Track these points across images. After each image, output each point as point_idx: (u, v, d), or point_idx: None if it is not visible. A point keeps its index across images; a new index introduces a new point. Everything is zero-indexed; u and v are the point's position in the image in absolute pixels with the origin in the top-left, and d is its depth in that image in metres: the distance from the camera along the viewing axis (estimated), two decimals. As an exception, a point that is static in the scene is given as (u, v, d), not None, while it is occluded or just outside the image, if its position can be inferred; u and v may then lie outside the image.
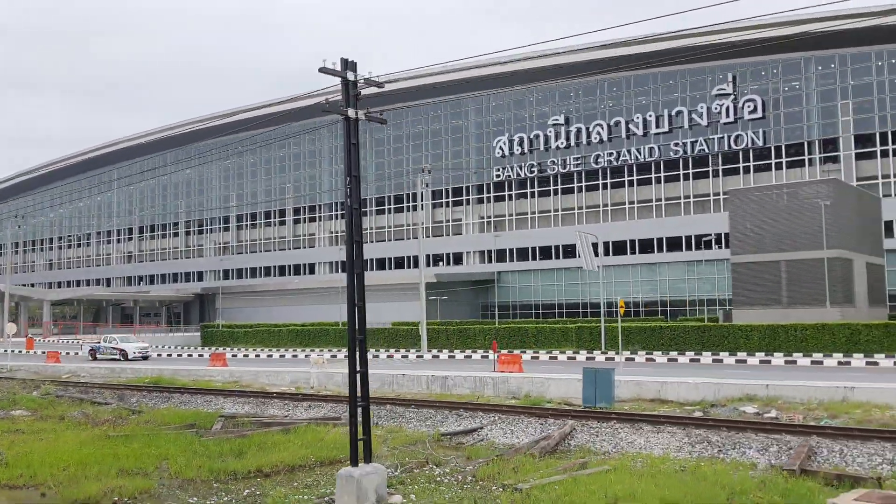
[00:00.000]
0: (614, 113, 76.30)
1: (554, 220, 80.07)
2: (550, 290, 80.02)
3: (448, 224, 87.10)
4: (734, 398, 19.17)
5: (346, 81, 12.35)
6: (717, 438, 15.25)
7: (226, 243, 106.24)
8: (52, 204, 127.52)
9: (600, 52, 65.49)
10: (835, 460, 14.02)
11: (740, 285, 45.62)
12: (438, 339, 52.10)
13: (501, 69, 74.60)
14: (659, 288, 73.22)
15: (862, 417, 16.44)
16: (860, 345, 35.27)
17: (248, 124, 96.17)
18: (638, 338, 41.02)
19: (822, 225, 42.61)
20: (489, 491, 11.99)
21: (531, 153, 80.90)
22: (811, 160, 66.92)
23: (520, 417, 18.22)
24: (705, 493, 10.95)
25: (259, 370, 30.50)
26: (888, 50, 63.49)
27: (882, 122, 64.05)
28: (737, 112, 69.45)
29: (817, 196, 43.34)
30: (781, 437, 14.73)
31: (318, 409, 20.95)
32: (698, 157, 71.68)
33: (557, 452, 14.89)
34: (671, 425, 16.48)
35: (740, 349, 38.10)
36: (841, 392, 18.58)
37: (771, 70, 69.02)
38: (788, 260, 43.71)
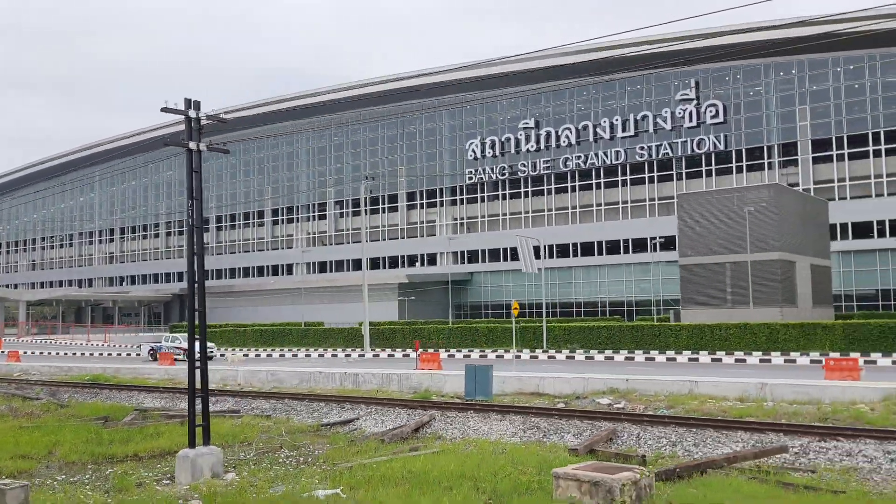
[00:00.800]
0: (582, 117, 77.92)
1: (525, 222, 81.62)
2: (520, 290, 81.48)
3: (422, 225, 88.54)
4: (598, 391, 20.76)
5: (189, 118, 13.69)
6: (546, 425, 16.87)
7: (205, 244, 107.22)
8: (35, 205, 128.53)
9: (569, 58, 67.07)
10: (631, 442, 15.76)
11: (688, 286, 47.23)
12: (395, 339, 53.54)
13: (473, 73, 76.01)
14: (625, 288, 74.85)
15: (693, 407, 18.02)
16: (778, 343, 36.96)
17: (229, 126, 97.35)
18: (578, 337, 42.63)
19: (764, 228, 44.26)
20: (317, 469, 13.48)
21: (503, 156, 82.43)
22: (770, 164, 68.67)
23: (395, 409, 19.74)
24: (494, 467, 12.54)
25: (232, 370, 31.84)
26: (844, 57, 65.22)
27: (838, 128, 65.81)
28: (699, 117, 71.13)
29: (760, 200, 44.98)
30: (600, 424, 16.49)
31: (224, 403, 22.47)
32: (663, 160, 73.37)
33: (411, 439, 16.41)
34: (518, 414, 18.17)
35: (669, 347, 39.75)
36: (687, 385, 20.20)
37: (732, 76, 70.72)
38: (733, 262, 45.33)
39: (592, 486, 9.66)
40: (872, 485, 12.23)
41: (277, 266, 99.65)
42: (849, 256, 64.14)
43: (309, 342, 59.61)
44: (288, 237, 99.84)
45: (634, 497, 9.64)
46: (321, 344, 57.92)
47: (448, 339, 48.96)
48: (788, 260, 45.22)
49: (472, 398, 20.69)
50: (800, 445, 14.50)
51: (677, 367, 32.31)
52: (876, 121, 64.15)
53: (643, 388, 20.47)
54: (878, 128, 64.01)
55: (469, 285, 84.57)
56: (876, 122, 64.16)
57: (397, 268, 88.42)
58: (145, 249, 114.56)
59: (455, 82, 76.95)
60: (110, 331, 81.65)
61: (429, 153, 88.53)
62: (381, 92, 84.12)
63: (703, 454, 14.66)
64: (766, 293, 44.06)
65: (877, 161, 63.94)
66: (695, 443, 15.36)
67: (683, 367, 31.32)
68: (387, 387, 24.09)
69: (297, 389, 24.42)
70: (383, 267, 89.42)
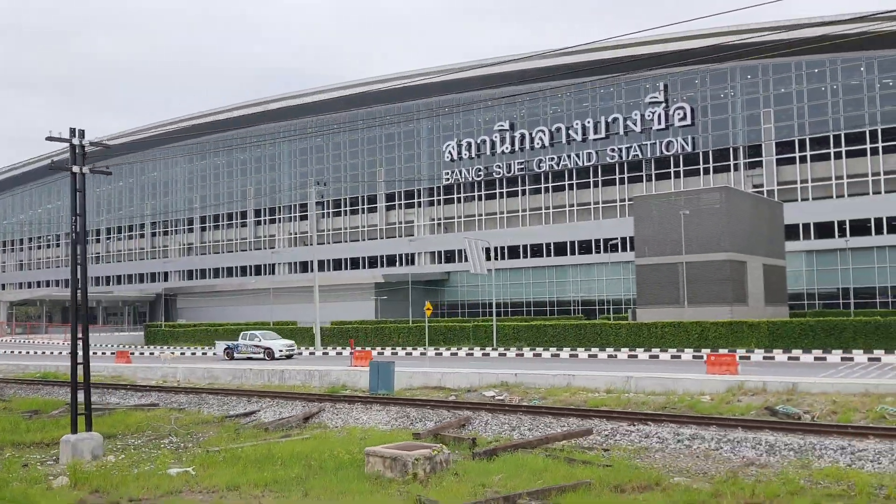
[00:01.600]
0: (556, 119, 79.41)
1: (500, 223, 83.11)
2: (498, 289, 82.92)
3: (401, 226, 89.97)
4: (490, 384, 22.25)
5: (73, 146, 15.16)
6: (416, 414, 18.42)
7: (190, 244, 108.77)
8: (23, 205, 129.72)
9: (543, 61, 68.62)
10: (480, 428, 17.40)
11: (644, 286, 48.75)
12: (357, 338, 55.01)
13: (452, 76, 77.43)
14: (596, 288, 76.38)
15: (562, 398, 19.58)
16: (709, 340, 38.52)
17: (213, 127, 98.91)
18: (525, 335, 44.17)
19: (715, 229, 45.79)
20: (193, 453, 14.92)
21: (479, 157, 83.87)
22: (737, 165, 70.24)
23: (295, 402, 21.24)
24: (335, 448, 14.02)
25: (153, 366, 33.24)
26: (806, 61, 66.77)
27: (801, 130, 67.40)
28: (668, 119, 72.65)
29: (712, 203, 46.52)
30: (462, 413, 18.10)
31: (149, 397, 23.96)
32: (633, 162, 74.89)
33: (298, 427, 17.87)
34: (397, 405, 19.88)
35: (609, 345, 41.29)
36: (566, 379, 21.74)
37: (700, 79, 72.24)
38: (686, 262, 46.84)
39: (392, 461, 11.27)
40: (650, 461, 13.70)
41: (260, 266, 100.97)
42: (811, 256, 65.77)
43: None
44: (270, 237, 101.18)
45: (429, 469, 11.22)
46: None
47: (407, 338, 50.49)
48: (739, 260, 46.74)
49: (376, 392, 22.16)
50: (611, 428, 16.15)
51: (611, 362, 33.97)
52: (837, 123, 65.74)
53: (529, 382, 22.05)
54: (839, 130, 65.60)
55: (446, 285, 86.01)
56: (837, 124, 65.75)
57: (377, 267, 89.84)
58: (131, 249, 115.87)
59: (432, 85, 78.47)
60: (98, 331, 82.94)
61: (407, 155, 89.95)
62: (361, 94, 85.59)
63: (534, 436, 16.15)
64: (716, 292, 45.60)
65: (837, 163, 65.53)
66: (530, 427, 17.05)
67: (617, 363, 32.87)
68: (309, 382, 25.61)
69: (228, 385, 25.96)
70: (363, 267, 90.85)
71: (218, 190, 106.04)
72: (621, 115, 75.30)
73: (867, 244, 63.60)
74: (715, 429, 15.45)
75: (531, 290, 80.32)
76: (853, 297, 63.74)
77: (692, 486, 10.92)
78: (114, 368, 33.04)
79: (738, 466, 12.95)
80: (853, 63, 65.14)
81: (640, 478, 11.25)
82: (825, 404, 16.82)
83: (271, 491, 11.09)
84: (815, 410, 16.52)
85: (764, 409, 16.82)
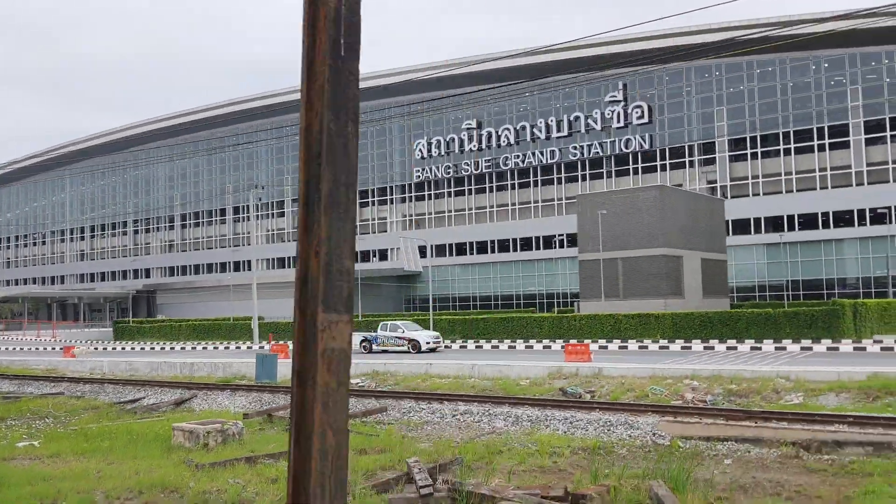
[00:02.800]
0: (521, 118, 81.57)
1: (468, 219, 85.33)
2: (465, 283, 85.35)
3: (374, 222, 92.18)
4: (363, 373, 24.50)
5: None
6: (270, 398, 20.67)
7: (171, 241, 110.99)
8: (10, 204, 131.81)
9: (508, 62, 70.73)
10: None
11: (586, 280, 51.01)
12: None
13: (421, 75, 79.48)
14: (560, 281, 78.54)
15: (413, 384, 21.87)
16: (622, 332, 40.82)
17: (194, 126, 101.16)
18: (460, 329, 46.48)
19: (650, 226, 48.03)
20: (54, 430, 17.02)
21: (448, 155, 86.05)
22: (692, 162, 72.47)
23: (176, 390, 23.54)
24: (162, 426, 16.20)
25: (99, 360, 35.41)
26: (757, 60, 68.89)
27: (752, 127, 69.61)
28: (627, 118, 74.83)
29: (648, 200, 48.75)
30: None
31: (59, 386, 26.25)
32: (594, 159, 77.09)
33: (169, 411, 20.10)
34: (256, 392, 22.13)
35: (534, 337, 43.62)
36: (424, 367, 24.14)
37: (657, 79, 74.37)
38: (624, 257, 49.10)
39: (189, 433, 13.60)
40: (420, 432, 15.87)
41: (239, 262, 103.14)
42: (762, 249, 68.07)
43: (223, 336, 64.01)
44: (248, 234, 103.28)
45: (220, 440, 13.53)
46: (228, 337, 62.18)
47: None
48: (674, 255, 48.99)
49: (261, 380, 24.44)
50: (408, 406, 18.48)
51: (530, 353, 36.25)
52: (786, 121, 67.94)
53: (394, 370, 24.42)
54: (787, 127, 67.81)
55: (419, 280, 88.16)
56: (786, 121, 67.95)
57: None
58: (114, 247, 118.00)
59: (402, 84, 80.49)
60: (61, 327, 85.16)
61: (380, 153, 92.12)
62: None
63: None
64: (651, 286, 47.87)
65: (787, 159, 67.76)
66: (395, 406, 19.29)
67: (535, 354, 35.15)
68: (214, 373, 27.94)
69: (145, 377, 28.30)
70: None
71: (198, 188, 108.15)
72: (583, 113, 77.46)
73: (815, 238, 65.87)
74: (490, 405, 17.88)
75: (499, 283, 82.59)
76: (802, 289, 66.11)
77: (426, 448, 13.14)
78: (51, 362, 35.35)
79: (485, 434, 15.27)
80: (801, 62, 67.30)
81: (382, 443, 13.48)
82: (613, 386, 19.09)
83: (84, 457, 13.13)
84: (600, 391, 18.81)
85: (558, 390, 19.11)
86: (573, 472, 11.34)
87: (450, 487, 9.49)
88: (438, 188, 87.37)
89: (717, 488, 10.29)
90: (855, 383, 17.40)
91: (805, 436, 12.68)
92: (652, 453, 12.69)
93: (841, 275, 65.29)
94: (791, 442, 12.53)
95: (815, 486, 10.45)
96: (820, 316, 36.21)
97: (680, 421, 14.62)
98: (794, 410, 15.11)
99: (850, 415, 14.18)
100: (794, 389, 17.15)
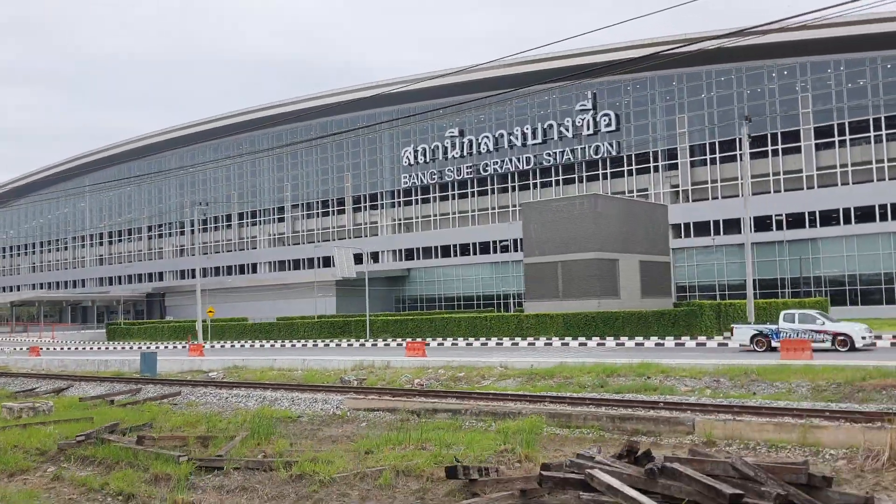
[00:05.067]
0: (499, 126, 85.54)
1: (452, 222, 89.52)
2: (449, 284, 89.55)
3: (366, 226, 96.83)
4: (227, 367, 28.82)
5: None
6: (123, 386, 25.10)
7: (182, 246, 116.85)
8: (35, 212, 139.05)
9: (487, 73, 74.67)
10: (145, 394, 23.86)
11: (530, 282, 54.87)
12: (272, 333, 62.50)
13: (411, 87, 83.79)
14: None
15: (256, 376, 26.05)
16: (524, 330, 44.71)
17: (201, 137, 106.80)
18: (391, 328, 50.69)
19: (585, 231, 51.81)
20: None
21: (433, 162, 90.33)
22: (656, 167, 75.85)
23: (60, 381, 27.95)
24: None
25: (53, 358, 40.28)
26: (716, 69, 72.10)
27: (711, 134, 72.82)
28: (596, 125, 78.41)
29: (583, 207, 52.51)
30: (167, 388, 24.52)
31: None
32: (567, 165, 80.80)
33: (45, 396, 24.58)
34: (107, 383, 26.36)
35: (453, 335, 47.73)
36: (270, 362, 28.46)
37: (623, 88, 77.83)
38: (562, 261, 52.91)
39: (9, 409, 18.14)
40: (179, 408, 20.13)
41: (244, 265, 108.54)
42: (722, 250, 71.26)
43: (184, 335, 69.32)
44: (252, 238, 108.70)
45: (31, 414, 18.09)
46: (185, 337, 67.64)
47: (318, 332, 57.53)
48: (609, 258, 52.67)
49: (144, 374, 28.93)
50: (201, 392, 22.73)
51: (443, 349, 40.52)
52: (742, 127, 70.87)
53: (250, 365, 28.86)
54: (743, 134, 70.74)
55: (406, 282, 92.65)
56: (742, 128, 70.87)
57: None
58: (130, 252, 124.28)
59: (393, 95, 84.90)
60: (60, 328, 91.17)
61: (371, 160, 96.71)
62: (330, 105, 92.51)
63: (155, 394, 23.02)
64: (586, 287, 51.63)
65: (743, 164, 70.67)
66: (168, 392, 23.70)
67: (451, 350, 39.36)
68: (121, 368, 32.49)
69: (72, 372, 32.80)
70: (331, 265, 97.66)
71: (206, 195, 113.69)
72: (556, 121, 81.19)
73: (769, 239, 68.91)
74: (271, 391, 22.06)
75: (481, 284, 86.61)
76: (758, 288, 69.13)
77: (169, 419, 17.56)
78: (9, 361, 40.40)
79: (221, 407, 19.67)
80: (755, 71, 70.35)
81: (141, 417, 17.80)
82: (392, 375, 23.30)
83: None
84: (373, 379, 22.93)
85: (339, 378, 23.26)
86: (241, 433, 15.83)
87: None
88: (425, 193, 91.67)
89: (300, 435, 14.64)
90: (540, 370, 21.88)
91: (422, 406, 16.98)
92: (326, 419, 17.10)
93: (794, 274, 68.28)
94: (411, 410, 16.82)
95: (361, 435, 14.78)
96: (682, 316, 40.24)
97: (358, 398, 19.10)
98: (459, 390, 19.74)
99: (489, 393, 18.79)
100: (499, 376, 21.47)
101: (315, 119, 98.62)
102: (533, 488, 9.92)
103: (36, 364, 37.22)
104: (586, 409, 15.40)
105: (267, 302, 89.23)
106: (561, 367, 21.69)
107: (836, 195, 66.07)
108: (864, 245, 64.77)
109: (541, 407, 15.83)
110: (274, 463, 12.06)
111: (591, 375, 20.39)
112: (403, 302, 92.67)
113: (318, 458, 12.23)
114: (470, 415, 15.64)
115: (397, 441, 13.09)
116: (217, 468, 12.23)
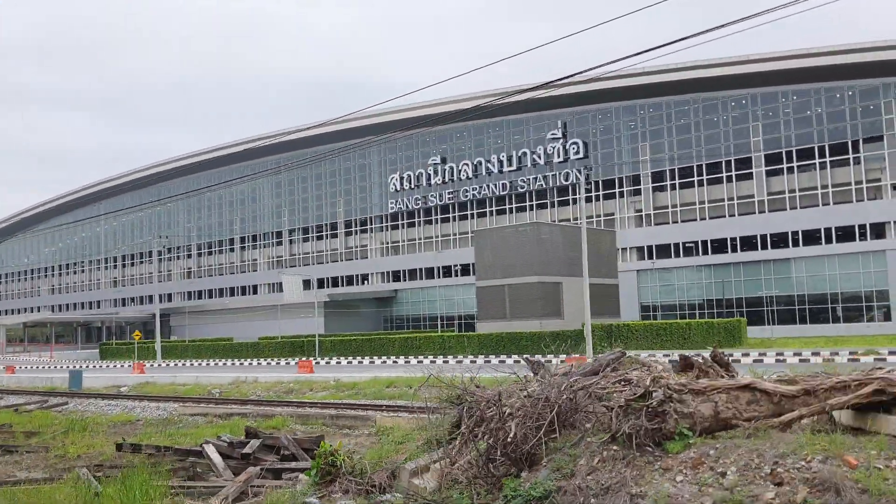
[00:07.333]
0: (477, 153, 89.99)
1: (435, 245, 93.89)
2: (433, 304, 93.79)
3: (357, 249, 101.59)
4: (139, 384, 33.32)
5: None
6: (39, 398, 29.72)
7: (189, 269, 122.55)
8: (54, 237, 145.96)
9: (465, 103, 79.22)
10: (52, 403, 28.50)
11: (482, 304, 59.01)
12: (240, 352, 67.33)
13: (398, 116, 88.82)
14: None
15: (169, 390, 30.51)
16: (449, 350, 48.78)
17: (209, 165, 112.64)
18: (339, 348, 55.09)
19: (528, 257, 55.89)
20: None
21: (417, 188, 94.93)
22: (622, 193, 79.68)
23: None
24: None
25: (22, 376, 45.30)
26: (675, 101, 75.98)
27: (671, 161, 76.59)
28: (566, 153, 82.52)
29: (527, 234, 56.64)
30: (51, 398, 29.05)
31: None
32: (539, 191, 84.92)
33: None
34: (39, 395, 30.97)
35: (391, 354, 51.97)
36: (193, 378, 32.96)
37: (591, 117, 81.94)
38: (510, 284, 57.01)
39: None
40: (71, 414, 24.64)
41: (246, 287, 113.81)
42: (682, 272, 74.87)
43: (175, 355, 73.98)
44: (253, 261, 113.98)
45: None
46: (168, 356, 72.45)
47: (280, 351, 62.14)
48: (552, 282, 56.69)
49: (71, 388, 33.60)
50: (88, 403, 27.10)
51: (348, 367, 44.78)
52: (699, 155, 74.77)
53: (162, 382, 33.48)
54: (700, 161, 74.64)
55: (394, 302, 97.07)
56: (699, 156, 74.77)
57: (339, 287, 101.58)
58: (142, 274, 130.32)
59: (383, 125, 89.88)
60: (63, 348, 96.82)
61: (361, 186, 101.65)
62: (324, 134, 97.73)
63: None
64: (529, 308, 55.66)
65: (700, 189, 74.54)
66: (79, 403, 28.10)
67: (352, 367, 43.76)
68: (63, 384, 36.95)
69: (15, 386, 37.51)
70: (326, 286, 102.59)
71: (210, 220, 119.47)
72: (529, 149, 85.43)
73: (726, 261, 72.37)
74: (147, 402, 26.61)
75: (462, 304, 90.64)
76: (715, 308, 72.61)
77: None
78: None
79: (93, 413, 24.37)
80: (711, 101, 74.13)
81: (35, 422, 22.20)
82: (248, 388, 27.77)
83: None
84: (230, 392, 27.40)
85: (207, 392, 27.73)
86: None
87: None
88: (410, 218, 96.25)
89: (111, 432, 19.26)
90: (347, 383, 26.55)
91: (225, 411, 21.54)
92: (155, 422, 21.78)
93: (749, 294, 71.62)
94: (216, 414, 21.70)
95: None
96: (572, 335, 44.78)
97: (186, 406, 23.99)
98: (270, 399, 24.85)
99: (280, 401, 23.78)
100: (324, 388, 26.09)
101: (310, 147, 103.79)
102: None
103: (9, 381, 42.26)
104: (318, 411, 20.34)
105: (258, 322, 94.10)
106: (373, 380, 26.48)
107: (785, 219, 69.41)
108: (812, 267, 68.00)
109: (293, 410, 20.85)
110: (50, 446, 16.79)
111: (377, 387, 25.22)
112: (392, 322, 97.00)
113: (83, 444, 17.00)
114: (244, 417, 20.55)
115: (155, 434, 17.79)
116: (14, 449, 16.97)
